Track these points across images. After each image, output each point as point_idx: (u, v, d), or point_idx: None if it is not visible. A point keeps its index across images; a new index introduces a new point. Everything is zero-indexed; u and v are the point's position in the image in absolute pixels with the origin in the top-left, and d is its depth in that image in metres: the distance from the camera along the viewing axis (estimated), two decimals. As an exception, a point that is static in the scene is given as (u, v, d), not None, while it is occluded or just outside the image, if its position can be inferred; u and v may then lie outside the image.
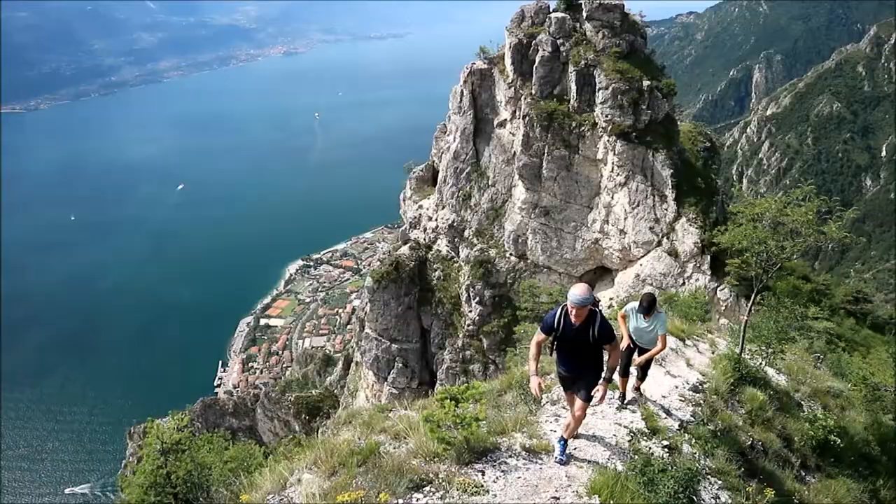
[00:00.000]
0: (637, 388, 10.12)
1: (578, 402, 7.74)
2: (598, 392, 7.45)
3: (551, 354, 8.08)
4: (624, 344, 9.71)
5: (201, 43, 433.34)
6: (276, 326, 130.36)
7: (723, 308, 32.56)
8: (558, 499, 6.71)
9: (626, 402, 9.82)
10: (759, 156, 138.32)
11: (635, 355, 9.82)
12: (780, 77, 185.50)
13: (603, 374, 7.62)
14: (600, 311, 7.58)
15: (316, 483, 6.55)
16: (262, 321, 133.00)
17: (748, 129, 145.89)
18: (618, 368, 9.90)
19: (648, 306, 9.43)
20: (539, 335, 7.80)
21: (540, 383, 7.43)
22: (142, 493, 8.17)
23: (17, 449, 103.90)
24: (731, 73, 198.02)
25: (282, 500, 6.53)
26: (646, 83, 36.80)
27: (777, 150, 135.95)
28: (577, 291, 7.32)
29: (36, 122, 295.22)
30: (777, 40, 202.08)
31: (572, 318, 7.36)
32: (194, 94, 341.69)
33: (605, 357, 7.75)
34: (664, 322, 9.58)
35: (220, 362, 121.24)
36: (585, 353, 7.66)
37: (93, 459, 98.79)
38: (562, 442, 7.77)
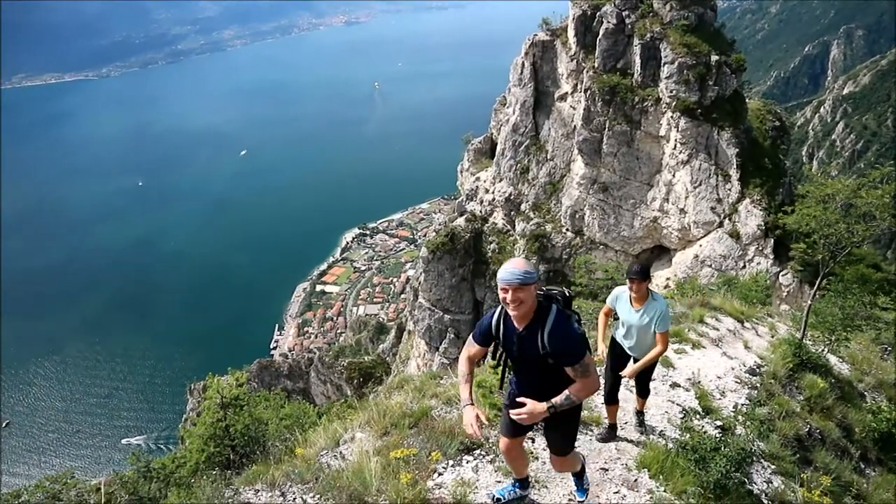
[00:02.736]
0: (640, 410, 7.67)
1: (551, 456, 5.56)
2: (522, 410, 4.70)
3: (501, 383, 5.48)
4: (600, 352, 7.22)
5: (263, 12, 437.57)
6: (332, 293, 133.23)
7: (784, 294, 31.58)
8: (606, 470, 6.73)
9: (615, 433, 7.38)
10: (833, 137, 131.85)
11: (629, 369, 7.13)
12: (860, 54, 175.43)
13: (554, 400, 4.66)
14: (559, 302, 4.77)
15: (369, 441, 6.74)
16: (318, 287, 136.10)
17: (822, 109, 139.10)
18: (602, 391, 7.14)
19: (641, 272, 6.67)
20: (470, 346, 5.11)
21: (478, 415, 4.75)
22: (202, 443, 8.54)
23: (84, 401, 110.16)
24: (806, 49, 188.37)
25: (335, 455, 6.75)
26: (714, 58, 35.53)
27: (852, 132, 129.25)
28: (508, 265, 4.51)
29: (106, 89, 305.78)
30: (859, 14, 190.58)
31: (513, 318, 4.70)
32: (256, 63, 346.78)
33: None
34: (664, 312, 6.72)
35: (277, 326, 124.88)
36: (543, 376, 4.81)
37: (151, 419, 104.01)
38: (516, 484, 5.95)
